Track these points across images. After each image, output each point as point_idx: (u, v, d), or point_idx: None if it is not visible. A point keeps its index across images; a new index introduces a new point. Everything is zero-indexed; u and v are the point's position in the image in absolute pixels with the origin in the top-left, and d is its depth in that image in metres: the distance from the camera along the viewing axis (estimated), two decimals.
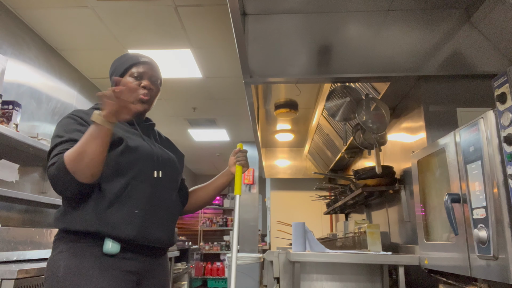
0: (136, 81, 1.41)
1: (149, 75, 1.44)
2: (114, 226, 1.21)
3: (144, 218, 1.27)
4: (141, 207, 1.27)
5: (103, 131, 1.15)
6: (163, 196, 1.36)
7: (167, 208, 1.38)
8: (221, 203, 9.12)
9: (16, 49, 2.87)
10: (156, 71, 1.48)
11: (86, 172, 1.16)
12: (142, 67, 1.43)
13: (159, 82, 1.49)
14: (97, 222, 1.20)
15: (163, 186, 1.37)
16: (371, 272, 2.08)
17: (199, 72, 3.81)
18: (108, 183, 1.25)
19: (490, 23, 1.92)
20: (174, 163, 1.46)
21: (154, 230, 1.30)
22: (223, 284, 7.83)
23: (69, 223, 1.22)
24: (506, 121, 1.17)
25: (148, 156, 1.34)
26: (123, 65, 1.44)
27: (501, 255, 1.17)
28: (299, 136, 4.57)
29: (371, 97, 2.30)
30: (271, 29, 2.15)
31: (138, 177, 1.30)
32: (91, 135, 1.15)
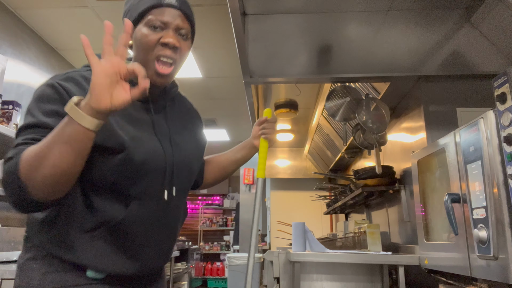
0: (155, 34, 0.97)
1: (175, 26, 0.99)
2: (96, 258, 0.92)
3: (136, 251, 0.98)
4: (137, 238, 0.97)
5: (80, 133, 0.77)
6: (168, 218, 1.04)
7: (170, 231, 1.07)
8: (221, 203, 9.12)
9: (16, 49, 2.87)
10: (187, 20, 1.02)
11: (42, 187, 0.79)
12: (167, 13, 0.98)
13: (190, 37, 1.04)
14: (77, 252, 0.91)
15: (172, 204, 1.04)
16: (371, 272, 2.08)
17: (199, 72, 3.82)
18: (100, 201, 0.93)
19: (490, 23, 1.92)
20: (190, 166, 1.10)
21: (147, 261, 1.01)
22: (223, 284, 7.83)
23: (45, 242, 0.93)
24: (506, 121, 1.17)
25: (156, 169, 0.97)
26: (138, 6, 0.99)
27: (501, 255, 1.17)
28: (299, 136, 4.57)
29: (371, 97, 2.30)
30: (271, 29, 2.15)
31: (141, 198, 0.96)
32: (60, 135, 0.77)
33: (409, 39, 2.08)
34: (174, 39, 0.98)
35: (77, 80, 0.94)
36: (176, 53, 0.99)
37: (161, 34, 0.97)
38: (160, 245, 1.04)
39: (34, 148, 0.79)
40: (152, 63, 0.98)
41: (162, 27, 0.98)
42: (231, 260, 4.97)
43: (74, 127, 0.76)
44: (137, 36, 0.99)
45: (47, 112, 0.87)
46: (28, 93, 2.97)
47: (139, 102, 1.02)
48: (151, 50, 0.97)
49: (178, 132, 1.10)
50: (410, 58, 2.07)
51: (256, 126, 1.30)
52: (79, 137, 0.77)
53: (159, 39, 0.97)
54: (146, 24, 0.98)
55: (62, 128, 0.78)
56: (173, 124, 1.10)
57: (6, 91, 2.64)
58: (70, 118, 0.77)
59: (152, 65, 0.98)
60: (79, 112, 0.76)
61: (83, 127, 0.76)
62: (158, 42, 0.97)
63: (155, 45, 0.97)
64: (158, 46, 0.97)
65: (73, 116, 0.76)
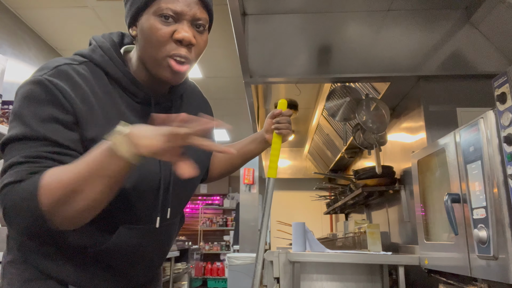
0: (167, 27, 0.79)
1: (191, 15, 0.81)
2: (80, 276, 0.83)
3: (124, 270, 0.89)
4: (124, 260, 0.87)
5: (127, 167, 0.67)
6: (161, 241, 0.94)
7: (162, 251, 0.97)
8: (221, 203, 9.12)
9: (16, 49, 2.87)
10: (204, 7, 0.84)
11: (73, 220, 0.70)
12: (181, 1, 0.80)
13: (207, 28, 0.86)
14: (59, 267, 0.82)
15: (165, 228, 0.92)
16: (371, 272, 2.08)
17: (199, 72, 3.82)
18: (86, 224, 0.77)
19: (490, 23, 1.92)
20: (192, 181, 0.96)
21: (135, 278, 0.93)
22: (223, 284, 7.83)
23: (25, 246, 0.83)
24: (506, 121, 1.17)
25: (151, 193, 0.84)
26: None
27: (501, 255, 1.17)
28: (299, 136, 4.57)
29: (371, 97, 2.30)
30: (271, 29, 2.15)
31: (130, 223, 0.84)
32: (101, 168, 0.66)
33: (409, 39, 2.08)
34: (190, 34, 0.80)
35: (70, 76, 0.78)
36: (191, 51, 0.83)
37: (174, 28, 0.80)
38: (149, 264, 0.95)
39: (61, 179, 0.67)
40: (164, 60, 0.81)
41: (175, 18, 0.80)
42: (231, 260, 4.97)
43: (121, 163, 0.66)
44: (143, 28, 0.81)
45: (42, 119, 0.72)
46: None
47: (139, 105, 0.87)
48: (163, 47, 0.80)
49: None
50: (410, 58, 2.07)
51: (269, 119, 1.15)
52: (125, 171, 0.68)
53: (172, 33, 0.80)
54: (154, 13, 0.79)
55: (103, 161, 0.66)
56: None
57: (6, 91, 2.64)
58: (113, 151, 0.66)
59: (163, 62, 0.82)
60: (131, 149, 0.66)
61: (129, 162, 0.66)
62: (171, 37, 0.80)
63: (167, 41, 0.80)
64: (171, 43, 0.80)
65: (124, 151, 0.66)
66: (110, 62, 0.85)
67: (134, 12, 0.83)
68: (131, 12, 0.84)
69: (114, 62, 0.85)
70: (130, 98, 0.86)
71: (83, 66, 0.82)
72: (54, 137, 0.72)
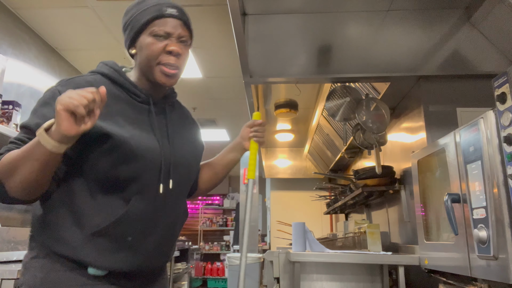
0: (160, 43, 1.05)
1: (178, 35, 1.08)
2: (98, 255, 0.96)
3: (137, 246, 1.01)
4: (137, 233, 1.00)
5: (45, 154, 0.85)
6: (168, 214, 1.08)
7: (170, 227, 1.11)
8: (221, 203, 9.13)
9: (16, 49, 2.87)
10: (188, 29, 1.11)
11: (15, 190, 0.90)
12: (170, 24, 1.06)
13: (190, 42, 1.13)
14: (78, 250, 0.95)
15: (171, 200, 1.08)
16: (371, 272, 2.08)
17: (199, 72, 3.81)
18: (102, 197, 0.98)
19: (490, 23, 1.92)
20: (188, 165, 1.15)
21: (148, 257, 1.05)
22: (223, 284, 7.83)
23: (48, 240, 0.98)
24: (506, 121, 1.17)
25: (154, 163, 1.03)
26: (141, 17, 1.06)
27: (501, 255, 1.17)
28: (299, 136, 4.57)
29: (371, 97, 2.30)
30: (271, 29, 2.15)
31: (142, 192, 1.00)
32: (30, 153, 0.86)
33: (409, 39, 2.08)
34: (178, 47, 1.07)
35: (77, 82, 1.01)
36: (179, 59, 1.09)
37: (165, 43, 1.06)
38: (159, 241, 1.07)
39: (11, 157, 0.89)
40: (158, 67, 1.07)
41: (165, 36, 1.07)
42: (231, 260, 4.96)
43: (42, 149, 0.85)
44: (142, 45, 1.07)
45: (38, 115, 0.96)
46: (28, 93, 2.97)
47: (140, 104, 1.09)
48: (157, 57, 1.06)
49: (177, 133, 1.16)
50: (410, 58, 2.07)
51: (246, 127, 1.33)
52: (46, 157, 0.86)
53: (164, 47, 1.06)
54: (150, 34, 1.06)
55: (32, 147, 0.87)
56: (172, 125, 1.16)
57: (6, 91, 2.64)
58: (39, 141, 0.85)
59: (158, 69, 1.07)
60: (45, 137, 0.84)
61: (49, 150, 0.85)
62: (164, 50, 1.06)
63: (160, 53, 1.06)
64: (163, 54, 1.06)
65: (40, 140, 0.85)
66: (115, 72, 1.09)
67: (133, 35, 1.08)
68: (131, 35, 1.08)
69: (118, 72, 1.09)
70: (132, 98, 1.08)
71: (92, 75, 1.06)
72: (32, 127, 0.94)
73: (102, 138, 0.96)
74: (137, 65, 1.11)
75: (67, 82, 1.01)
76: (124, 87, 1.08)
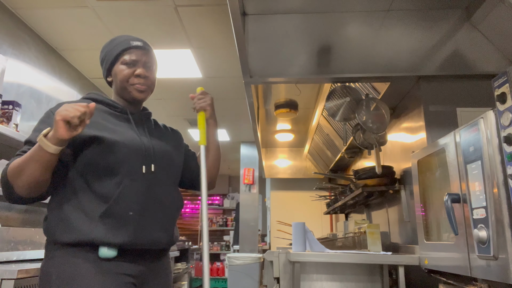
0: (129, 69, 1.32)
1: (143, 62, 1.34)
2: (107, 233, 1.13)
3: (139, 220, 1.19)
4: (136, 208, 1.19)
5: (45, 155, 1.08)
6: (159, 193, 1.26)
7: (165, 206, 1.28)
8: (221, 203, 9.13)
9: (16, 49, 2.87)
10: (150, 56, 1.37)
11: (22, 189, 1.11)
12: (135, 53, 1.33)
13: (154, 67, 1.40)
14: (89, 232, 1.13)
15: (158, 181, 1.27)
16: (371, 272, 2.08)
17: (199, 72, 3.81)
18: (98, 185, 1.18)
19: (490, 23, 1.92)
20: (169, 155, 1.35)
21: (151, 232, 1.22)
22: (223, 284, 7.83)
23: (60, 236, 1.15)
24: (506, 121, 1.17)
25: (136, 150, 1.24)
26: (113, 51, 1.34)
27: (501, 255, 1.17)
28: (299, 136, 4.57)
29: (371, 97, 2.30)
30: (271, 29, 2.15)
31: (130, 174, 1.20)
32: (32, 156, 1.08)
33: (409, 39, 2.08)
34: (144, 71, 1.33)
35: None
36: (147, 80, 1.35)
37: (134, 69, 1.32)
38: (159, 218, 1.25)
39: (17, 162, 1.11)
40: (130, 87, 1.33)
41: (134, 64, 1.32)
42: (231, 260, 4.97)
43: (42, 152, 1.07)
44: (116, 72, 1.33)
45: (37, 131, 1.18)
46: (28, 93, 2.97)
47: (120, 114, 1.32)
48: (127, 80, 1.32)
49: (155, 133, 1.38)
50: (410, 58, 2.07)
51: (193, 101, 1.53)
52: (46, 158, 1.08)
53: (133, 72, 1.32)
54: (122, 63, 1.32)
55: (35, 151, 1.09)
56: (151, 132, 1.37)
57: (6, 91, 2.64)
58: (40, 145, 1.07)
59: (131, 88, 1.33)
60: (45, 141, 1.07)
61: (48, 152, 1.07)
62: (133, 74, 1.32)
63: (130, 76, 1.32)
64: (133, 77, 1.32)
65: (41, 144, 1.07)
66: (98, 95, 1.35)
67: (109, 66, 1.34)
68: (107, 66, 1.35)
69: (101, 95, 1.35)
70: (112, 110, 1.32)
71: (84, 100, 1.31)
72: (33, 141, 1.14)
73: (91, 139, 1.19)
74: (114, 89, 1.37)
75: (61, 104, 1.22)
76: (105, 102, 1.33)
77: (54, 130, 1.06)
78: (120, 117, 1.32)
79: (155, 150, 1.29)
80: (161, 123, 1.51)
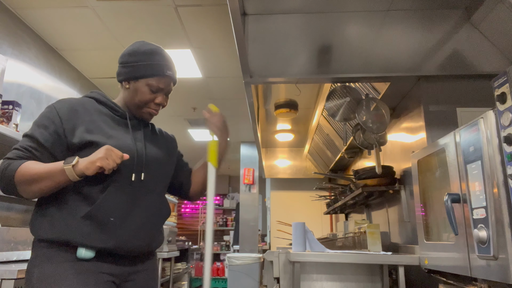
0: (152, 95, 1.30)
1: (166, 91, 1.34)
2: (86, 235, 1.14)
3: (119, 227, 1.18)
4: (117, 215, 1.18)
5: (65, 180, 1.12)
6: (144, 201, 1.25)
7: (149, 214, 1.27)
8: (221, 203, 9.12)
9: (16, 49, 2.87)
10: (173, 84, 1.37)
11: (28, 194, 1.14)
12: (164, 82, 1.31)
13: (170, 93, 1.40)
14: (68, 231, 1.14)
15: (146, 189, 1.26)
16: (371, 272, 2.08)
17: (199, 72, 3.81)
18: (85, 187, 1.18)
19: (490, 23, 1.92)
20: (161, 163, 1.33)
21: (131, 239, 1.20)
22: (223, 284, 7.83)
23: (42, 232, 1.16)
24: (506, 121, 1.17)
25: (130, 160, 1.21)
26: (145, 69, 1.28)
27: (501, 255, 1.17)
28: (299, 136, 4.57)
29: (371, 97, 2.29)
30: (271, 29, 2.15)
31: (117, 180, 1.20)
32: (51, 175, 1.11)
33: (409, 39, 2.08)
34: (164, 101, 1.34)
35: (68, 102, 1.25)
36: (160, 108, 1.36)
37: (155, 96, 1.31)
38: (139, 225, 1.23)
39: (31, 169, 1.11)
40: (145, 110, 1.32)
41: (158, 90, 1.30)
42: (231, 260, 4.96)
43: (64, 177, 1.11)
44: (137, 89, 1.30)
45: (38, 125, 1.20)
46: (28, 93, 2.97)
47: (119, 118, 1.31)
48: (146, 104, 1.31)
49: (150, 140, 1.36)
50: (410, 58, 2.07)
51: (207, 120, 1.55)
52: (64, 182, 1.13)
53: (154, 98, 1.31)
54: (148, 85, 1.29)
55: (55, 172, 1.11)
56: (146, 135, 1.36)
57: (6, 91, 2.64)
58: (64, 172, 1.10)
59: (145, 110, 1.33)
60: (72, 172, 1.10)
61: (69, 179, 1.12)
62: (153, 100, 1.32)
63: (150, 102, 1.32)
64: (152, 103, 1.32)
65: (67, 173, 1.10)
66: (101, 96, 1.33)
67: (132, 77, 1.29)
68: (129, 75, 1.30)
69: (104, 96, 1.34)
70: (112, 113, 1.31)
71: (84, 98, 1.32)
72: (37, 137, 1.18)
73: (87, 144, 1.19)
74: (124, 96, 1.34)
75: (64, 101, 1.25)
76: (107, 105, 1.31)
77: (86, 168, 1.10)
78: (119, 121, 1.31)
79: (147, 158, 1.28)
80: (158, 127, 1.49)
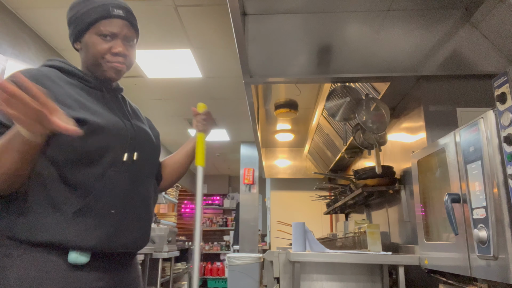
0: (106, 43, 1.07)
1: (123, 36, 1.10)
2: (81, 234, 0.94)
3: (120, 220, 1.01)
4: (118, 205, 1.00)
5: (26, 144, 0.85)
6: (140, 186, 1.08)
7: (145, 202, 1.11)
8: (221, 203, 9.13)
9: (16, 49, 2.87)
10: (132, 28, 1.13)
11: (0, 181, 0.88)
12: (115, 24, 1.08)
13: (135, 41, 1.16)
14: (58, 232, 0.92)
15: (139, 172, 1.09)
16: (371, 272, 2.08)
17: (199, 72, 3.81)
18: (74, 175, 0.96)
19: (490, 23, 1.92)
20: (151, 141, 1.17)
21: (129, 232, 1.04)
22: (223, 284, 7.83)
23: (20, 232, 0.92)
24: (506, 121, 1.17)
25: (121, 136, 1.05)
26: (87, 16, 1.07)
27: (501, 255, 1.17)
28: (299, 136, 4.57)
29: (371, 97, 2.30)
30: (271, 29, 2.15)
31: (114, 165, 1.01)
32: (10, 143, 0.85)
33: (409, 39, 2.08)
34: (123, 48, 1.09)
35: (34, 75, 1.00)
36: (126, 58, 1.12)
37: (111, 44, 1.08)
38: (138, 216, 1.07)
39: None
40: (106, 64, 1.09)
41: (111, 36, 1.08)
42: (231, 260, 4.96)
43: (24, 139, 0.84)
44: (87, 43, 1.09)
45: None
46: None
47: (93, 90, 1.10)
48: (103, 57, 1.08)
49: (133, 115, 1.19)
50: (410, 58, 2.07)
51: (195, 117, 1.40)
52: (27, 147, 0.85)
53: (110, 48, 1.08)
54: (96, 33, 1.07)
55: (12, 138, 0.85)
56: (127, 109, 1.18)
57: None
58: (18, 131, 0.84)
59: (106, 66, 1.09)
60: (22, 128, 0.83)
61: (28, 139, 0.84)
62: (109, 50, 1.08)
63: (106, 53, 1.08)
64: (109, 54, 1.08)
65: (21, 130, 0.83)
66: (65, 64, 1.10)
67: (78, 32, 1.09)
68: (75, 32, 1.10)
69: (65, 62, 1.11)
70: (85, 85, 1.09)
71: (46, 68, 1.07)
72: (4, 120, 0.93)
73: None
74: (82, 61, 1.13)
75: (24, 72, 1.00)
76: (76, 75, 1.09)
77: None
78: (94, 93, 1.09)
79: (138, 135, 1.11)
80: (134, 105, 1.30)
